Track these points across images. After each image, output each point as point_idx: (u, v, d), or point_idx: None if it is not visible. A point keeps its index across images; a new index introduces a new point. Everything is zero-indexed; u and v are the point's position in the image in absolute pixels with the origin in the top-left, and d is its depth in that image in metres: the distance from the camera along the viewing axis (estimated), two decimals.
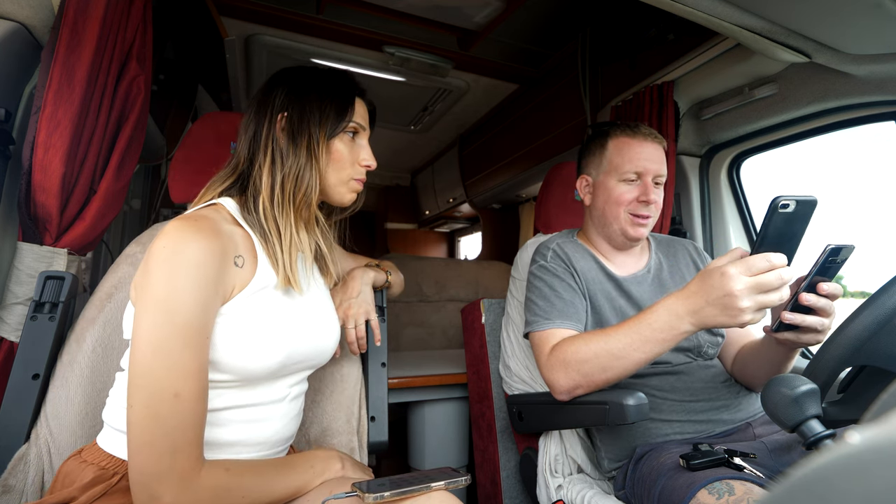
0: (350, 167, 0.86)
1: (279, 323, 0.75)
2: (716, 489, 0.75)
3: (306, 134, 0.80)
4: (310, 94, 0.82)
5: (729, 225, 1.64)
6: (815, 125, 1.37)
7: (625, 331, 0.88)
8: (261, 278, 0.75)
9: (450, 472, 0.76)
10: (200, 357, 0.64)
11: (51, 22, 0.97)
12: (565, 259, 1.15)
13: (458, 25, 1.96)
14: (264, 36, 2.00)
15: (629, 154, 1.12)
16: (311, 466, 0.78)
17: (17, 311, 0.94)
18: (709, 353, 1.11)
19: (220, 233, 0.70)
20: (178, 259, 0.64)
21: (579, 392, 0.96)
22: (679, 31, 1.53)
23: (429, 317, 2.62)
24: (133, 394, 0.61)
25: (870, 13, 0.92)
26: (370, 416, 1.10)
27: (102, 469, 0.71)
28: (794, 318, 0.80)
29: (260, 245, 0.78)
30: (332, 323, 0.90)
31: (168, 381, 0.61)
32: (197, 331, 0.64)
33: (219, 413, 0.72)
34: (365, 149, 0.88)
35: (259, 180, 0.80)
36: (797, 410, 0.69)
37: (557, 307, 1.07)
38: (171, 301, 0.63)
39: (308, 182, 0.80)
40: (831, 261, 0.77)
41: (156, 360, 0.61)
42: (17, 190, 0.95)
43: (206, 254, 0.66)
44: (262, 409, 0.78)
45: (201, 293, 0.65)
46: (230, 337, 0.70)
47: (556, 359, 0.98)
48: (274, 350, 0.74)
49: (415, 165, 4.11)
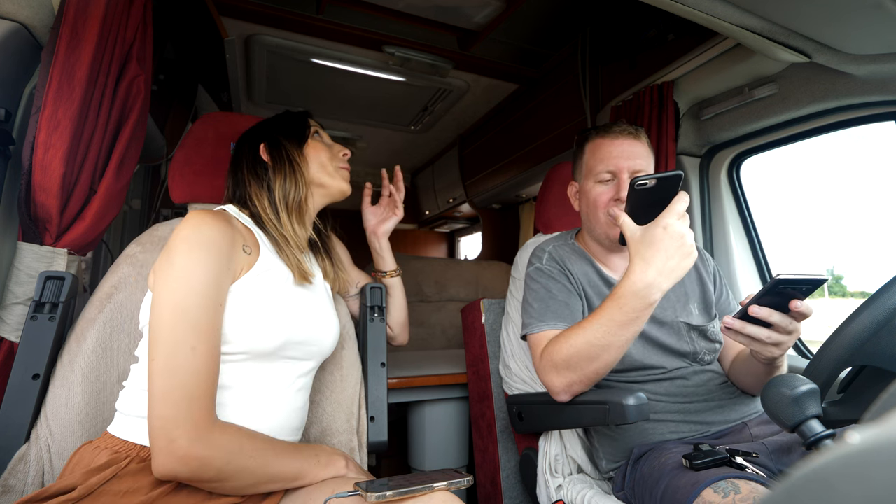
0: (329, 161, 1.01)
1: (281, 304, 0.84)
2: (721, 488, 0.74)
3: (283, 149, 0.96)
4: (273, 125, 1.02)
5: (729, 225, 1.64)
6: (815, 125, 1.37)
7: (599, 320, 0.88)
8: (263, 263, 0.85)
9: (451, 473, 0.77)
10: (214, 320, 0.73)
11: (51, 22, 0.97)
12: (560, 262, 1.16)
13: (458, 25, 1.96)
14: (264, 36, 2.00)
15: (600, 154, 1.12)
16: (317, 457, 0.81)
17: (17, 311, 0.94)
18: (706, 359, 1.11)
19: (231, 223, 0.82)
20: (197, 236, 0.75)
21: (577, 388, 0.96)
22: (679, 31, 1.53)
23: (429, 317, 2.62)
24: (154, 349, 0.69)
25: (870, 13, 0.92)
26: (370, 416, 1.10)
27: (116, 453, 0.73)
28: (734, 323, 0.83)
29: (260, 238, 0.89)
30: (330, 317, 0.97)
31: (186, 336, 0.69)
32: (211, 297, 0.73)
33: (226, 390, 0.77)
34: (335, 144, 1.06)
35: (255, 201, 0.93)
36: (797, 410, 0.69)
37: (552, 308, 1.07)
38: (191, 270, 0.72)
39: (298, 183, 0.94)
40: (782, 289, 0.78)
41: (175, 319, 0.69)
42: (17, 190, 0.95)
43: (220, 234, 0.77)
44: (268, 392, 0.82)
45: (215, 265, 0.75)
46: (238, 312, 0.78)
47: (546, 361, 0.98)
48: (276, 328, 0.81)
49: (415, 165, 4.11)
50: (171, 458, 0.65)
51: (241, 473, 0.70)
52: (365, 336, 1.15)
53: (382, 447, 1.09)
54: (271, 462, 0.73)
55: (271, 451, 0.75)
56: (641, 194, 0.83)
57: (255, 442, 0.73)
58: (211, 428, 0.68)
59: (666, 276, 0.82)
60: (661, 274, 0.82)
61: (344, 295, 1.20)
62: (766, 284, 0.78)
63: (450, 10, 1.85)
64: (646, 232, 0.83)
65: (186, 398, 0.67)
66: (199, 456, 0.66)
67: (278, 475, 0.74)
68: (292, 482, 0.77)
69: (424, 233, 4.70)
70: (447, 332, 2.63)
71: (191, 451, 0.65)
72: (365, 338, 1.15)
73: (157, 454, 0.66)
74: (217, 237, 0.76)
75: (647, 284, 0.82)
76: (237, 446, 0.70)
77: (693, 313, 1.13)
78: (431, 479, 0.73)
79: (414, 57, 2.09)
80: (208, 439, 0.67)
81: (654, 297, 0.83)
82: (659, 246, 0.81)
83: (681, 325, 1.11)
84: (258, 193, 0.93)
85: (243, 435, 0.72)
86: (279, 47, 2.07)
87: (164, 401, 0.66)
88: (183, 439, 0.65)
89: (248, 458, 0.71)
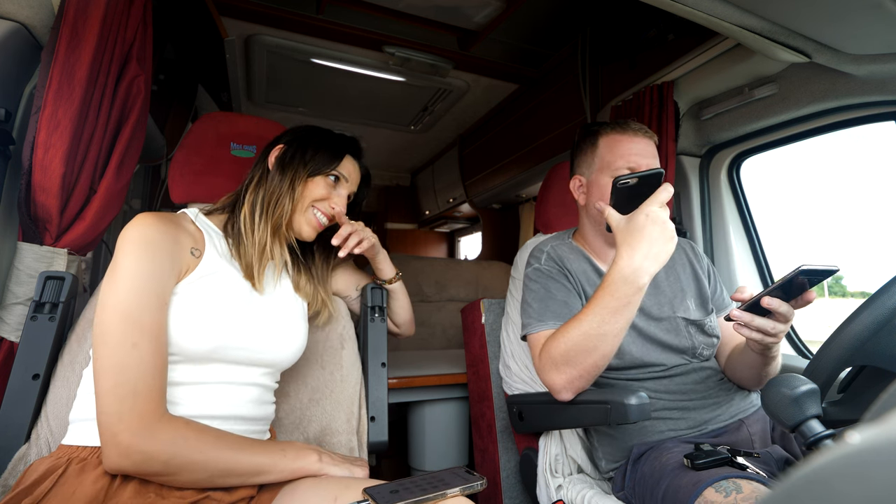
0: (318, 201, 0.97)
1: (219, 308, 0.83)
2: (723, 487, 0.75)
3: (293, 168, 0.95)
4: (311, 140, 0.99)
5: (729, 225, 1.64)
6: (815, 125, 1.37)
7: (592, 310, 0.90)
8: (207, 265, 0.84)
9: (463, 474, 0.74)
10: (156, 317, 0.73)
11: (51, 22, 0.97)
12: (559, 261, 1.16)
13: (458, 25, 1.96)
14: (264, 36, 2.00)
15: (620, 150, 1.12)
16: (283, 451, 0.80)
17: (17, 311, 0.94)
18: (704, 354, 1.11)
19: (178, 225, 0.83)
20: (139, 237, 0.76)
21: (578, 384, 0.95)
22: (679, 31, 1.53)
23: (429, 317, 2.62)
24: (98, 348, 0.70)
25: (870, 13, 0.92)
26: (370, 416, 1.10)
27: (57, 458, 0.73)
28: (742, 316, 0.85)
29: (210, 241, 0.88)
30: (287, 328, 0.94)
31: (126, 334, 0.70)
32: (154, 295, 0.74)
33: (173, 388, 0.77)
34: (340, 196, 1.00)
35: (244, 196, 0.95)
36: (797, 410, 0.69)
37: (551, 308, 1.07)
38: (132, 270, 0.73)
39: (283, 206, 0.93)
40: (802, 280, 0.80)
41: (117, 317, 0.70)
42: (17, 190, 0.95)
43: (162, 234, 0.78)
44: (215, 387, 0.82)
45: (157, 264, 0.76)
46: (177, 315, 0.77)
47: (546, 359, 0.98)
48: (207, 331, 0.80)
49: (415, 165, 4.11)
50: (115, 451, 0.67)
51: (191, 467, 0.70)
52: (365, 336, 1.15)
53: (383, 447, 1.09)
54: (224, 457, 0.73)
55: (225, 445, 0.74)
56: (624, 191, 0.90)
57: (205, 436, 0.73)
58: (156, 422, 0.69)
59: (652, 260, 0.86)
60: (647, 258, 0.86)
61: (345, 298, 1.20)
62: (788, 274, 0.78)
63: (450, 10, 1.85)
64: (630, 220, 0.88)
65: (130, 394, 0.67)
66: (142, 450, 0.67)
67: (235, 469, 0.74)
68: (255, 476, 0.76)
69: (424, 233, 4.70)
70: (447, 332, 2.63)
71: (133, 446, 0.66)
72: (365, 338, 1.15)
73: (104, 448, 0.68)
74: (158, 237, 0.77)
75: (635, 269, 0.86)
76: (182, 441, 0.70)
77: (690, 308, 1.13)
78: (443, 484, 0.70)
79: (414, 57, 2.09)
80: (151, 434, 0.68)
81: (642, 281, 0.86)
82: (643, 232, 0.86)
83: (678, 320, 1.11)
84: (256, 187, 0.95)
85: (191, 429, 0.72)
86: (279, 47, 2.07)
87: (107, 397, 0.67)
88: (125, 434, 0.66)
89: (196, 453, 0.71)
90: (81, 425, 0.76)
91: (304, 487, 0.78)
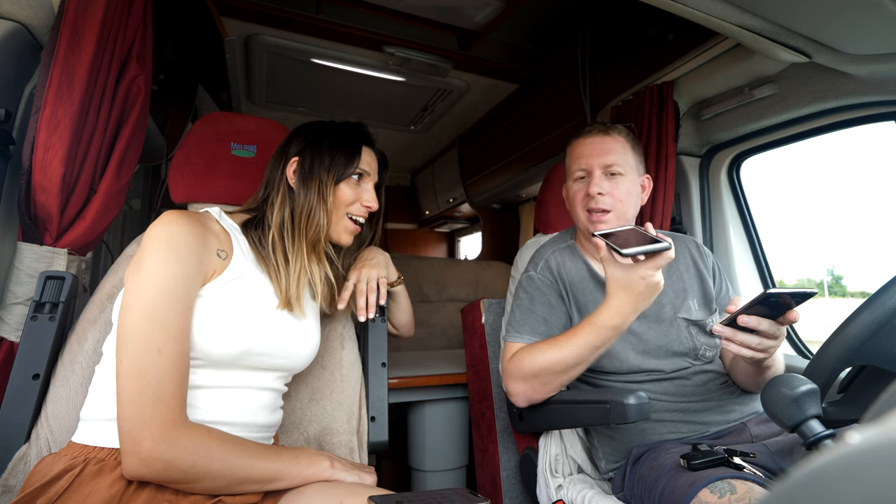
0: (350, 206, 0.96)
1: (246, 313, 0.81)
2: (717, 488, 0.75)
3: (317, 178, 0.91)
4: (322, 142, 0.95)
5: (729, 225, 1.64)
6: (815, 125, 1.37)
7: (574, 342, 0.97)
8: (235, 269, 0.83)
9: (468, 495, 0.73)
10: (182, 322, 0.72)
11: (51, 22, 0.97)
12: (555, 271, 1.18)
13: (458, 25, 1.96)
14: (264, 36, 2.00)
15: (574, 154, 1.19)
16: (297, 458, 0.80)
17: (17, 311, 0.94)
18: (707, 355, 1.11)
19: (205, 225, 0.81)
20: (167, 236, 0.74)
21: (536, 398, 1.04)
22: (679, 31, 1.53)
23: (429, 317, 2.62)
24: (122, 350, 0.69)
25: (870, 13, 0.92)
26: (370, 415, 1.10)
27: (73, 458, 0.72)
28: (724, 331, 0.87)
29: (236, 244, 0.86)
30: (307, 332, 0.93)
31: (152, 338, 0.68)
32: (180, 298, 0.72)
33: (192, 392, 0.76)
34: (368, 192, 0.98)
35: (270, 216, 0.91)
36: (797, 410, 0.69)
37: (529, 323, 1.12)
38: (159, 271, 0.72)
39: (318, 220, 0.90)
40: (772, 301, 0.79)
41: (142, 320, 0.69)
42: (17, 190, 0.95)
43: (191, 235, 0.76)
44: (233, 392, 0.81)
45: (184, 266, 0.74)
46: (199, 317, 0.76)
47: (515, 368, 1.05)
48: (235, 337, 0.79)
49: (415, 165, 4.10)
50: (135, 459, 0.65)
51: (210, 475, 0.70)
52: (366, 336, 1.15)
53: (383, 447, 1.09)
54: (242, 464, 0.72)
55: (243, 453, 0.73)
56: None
57: (225, 444, 0.72)
58: (178, 430, 0.68)
59: (636, 313, 0.93)
60: (634, 312, 0.92)
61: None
62: (755, 297, 0.78)
63: (450, 10, 1.84)
64: (625, 275, 0.90)
65: (152, 400, 0.66)
66: (163, 458, 0.66)
67: (252, 477, 0.74)
68: (270, 483, 0.76)
69: (424, 233, 4.70)
70: (447, 332, 2.63)
71: (154, 454, 0.65)
72: (366, 338, 1.15)
73: (124, 456, 0.66)
74: (187, 238, 0.75)
75: (622, 322, 0.92)
76: (204, 449, 0.69)
77: (692, 308, 1.13)
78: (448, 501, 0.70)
79: (414, 57, 2.09)
80: (173, 442, 0.67)
81: (625, 328, 0.94)
82: (635, 290, 0.90)
83: (679, 321, 1.11)
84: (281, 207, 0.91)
85: (212, 438, 0.71)
86: (279, 47, 2.07)
87: (130, 403, 0.66)
88: (147, 441, 0.65)
89: (215, 462, 0.70)
90: (97, 425, 0.75)
91: (311, 491, 0.78)
